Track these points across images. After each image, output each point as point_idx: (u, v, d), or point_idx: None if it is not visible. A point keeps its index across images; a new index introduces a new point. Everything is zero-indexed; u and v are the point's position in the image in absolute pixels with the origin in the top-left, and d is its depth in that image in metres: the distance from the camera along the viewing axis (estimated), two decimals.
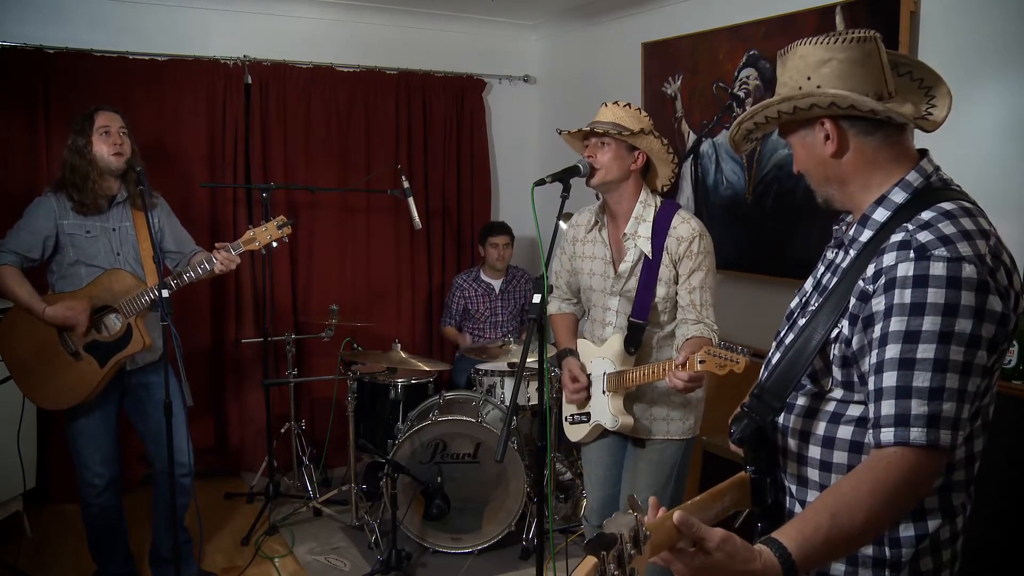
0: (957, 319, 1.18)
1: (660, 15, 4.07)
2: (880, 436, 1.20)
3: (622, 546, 0.99)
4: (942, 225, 1.23)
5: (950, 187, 1.34)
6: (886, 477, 1.18)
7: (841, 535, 1.16)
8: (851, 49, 1.31)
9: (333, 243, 4.67)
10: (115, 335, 2.92)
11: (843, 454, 1.32)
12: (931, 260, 1.19)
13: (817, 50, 1.33)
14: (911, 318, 1.19)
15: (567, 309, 2.78)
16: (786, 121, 1.39)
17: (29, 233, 2.87)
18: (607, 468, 2.67)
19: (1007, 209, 2.53)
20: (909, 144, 1.36)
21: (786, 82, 1.38)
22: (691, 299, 2.43)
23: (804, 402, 1.39)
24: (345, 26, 4.63)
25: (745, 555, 1.11)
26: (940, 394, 1.17)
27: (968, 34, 2.69)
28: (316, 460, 4.25)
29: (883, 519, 1.19)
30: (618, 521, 1.02)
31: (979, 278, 1.18)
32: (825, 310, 1.34)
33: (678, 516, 1.10)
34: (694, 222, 2.47)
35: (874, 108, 1.28)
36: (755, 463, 1.40)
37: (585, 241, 2.64)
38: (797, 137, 1.41)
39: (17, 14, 3.89)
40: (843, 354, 1.30)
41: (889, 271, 1.23)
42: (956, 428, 1.18)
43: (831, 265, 1.44)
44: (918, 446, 1.17)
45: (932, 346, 1.18)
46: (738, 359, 2.04)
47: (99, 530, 3.08)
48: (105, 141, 2.89)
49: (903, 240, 1.24)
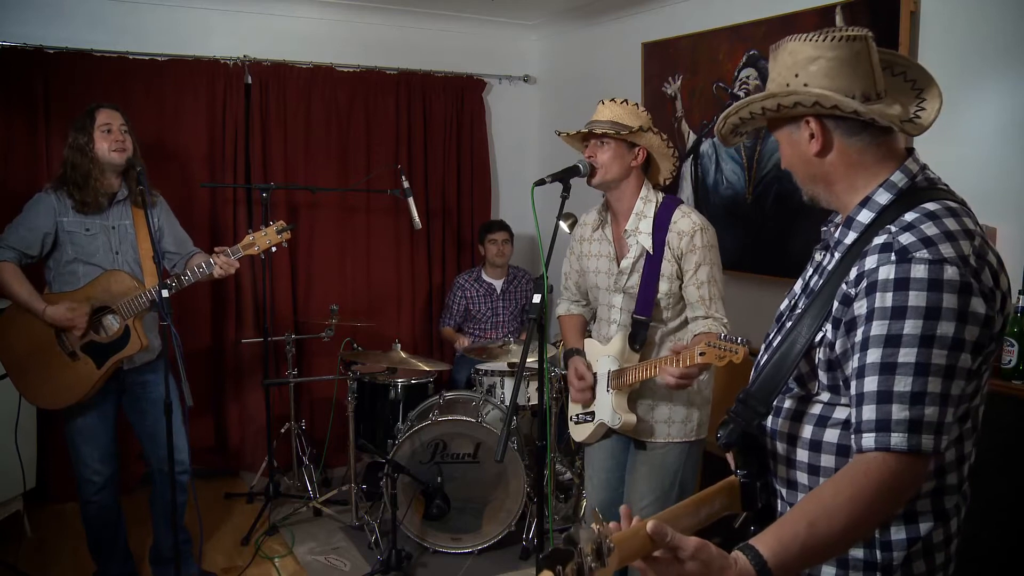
0: (939, 322, 1.16)
1: (660, 15, 4.07)
2: (862, 442, 1.19)
3: (581, 559, 0.98)
4: (924, 226, 1.22)
5: (936, 186, 1.33)
6: (866, 483, 1.16)
7: (819, 542, 1.15)
8: (840, 48, 1.30)
9: (333, 243, 4.67)
10: (113, 336, 2.92)
11: (830, 457, 1.31)
12: (912, 262, 1.18)
13: (806, 47, 1.31)
14: (892, 322, 1.18)
15: (576, 311, 2.78)
16: (772, 117, 1.39)
17: (28, 230, 2.87)
18: (609, 472, 2.66)
19: (1007, 209, 2.53)
20: (896, 144, 1.35)
21: (774, 78, 1.37)
22: (699, 294, 2.42)
23: (791, 405, 1.38)
24: (345, 26, 4.63)
25: (720, 563, 1.10)
26: (922, 398, 1.16)
27: (968, 34, 2.69)
28: (316, 460, 4.25)
29: (863, 526, 1.18)
30: (580, 534, 1.00)
31: (962, 280, 1.17)
32: (810, 313, 1.33)
33: (651, 526, 1.09)
34: (695, 216, 2.46)
35: (857, 110, 1.26)
36: (745, 467, 1.39)
37: (591, 240, 2.64)
38: (783, 133, 1.40)
39: (17, 14, 3.89)
40: (828, 358, 1.30)
41: (871, 274, 1.22)
42: (939, 432, 1.17)
43: (818, 267, 1.43)
44: (899, 451, 1.16)
45: (913, 350, 1.16)
46: (737, 349, 2.02)
47: (98, 529, 3.08)
48: (106, 138, 2.88)
49: (885, 242, 1.23)
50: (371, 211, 4.75)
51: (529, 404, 3.76)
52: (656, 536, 1.09)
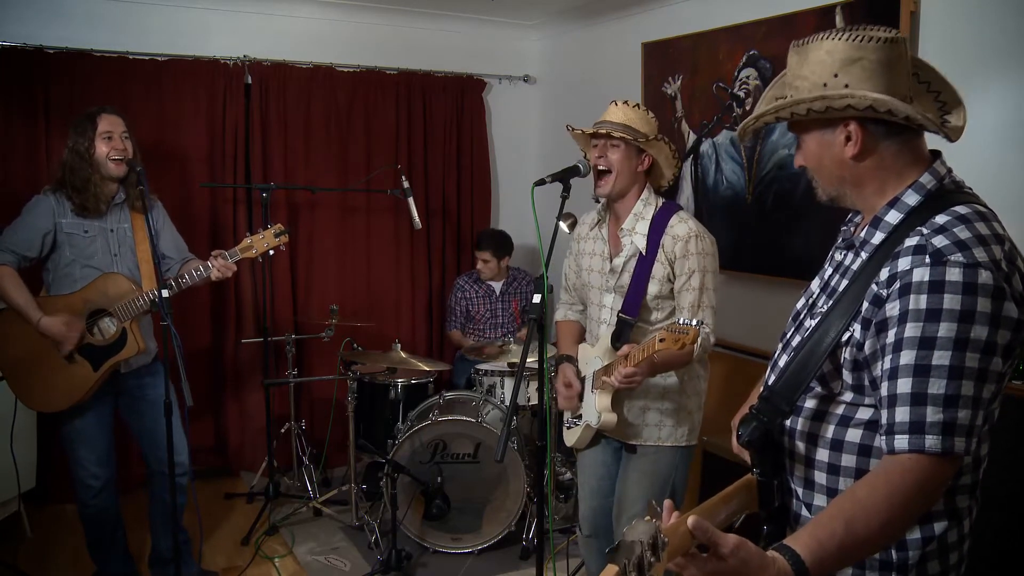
0: (973, 326, 1.16)
1: (660, 15, 4.07)
2: (895, 443, 1.19)
3: (642, 553, 0.99)
4: (957, 230, 1.22)
5: (963, 190, 1.33)
6: (901, 482, 1.16)
7: (856, 542, 1.15)
8: (883, 50, 1.28)
9: (333, 243, 4.67)
10: (109, 339, 2.91)
11: (852, 457, 1.31)
12: (947, 265, 1.18)
13: (846, 47, 1.29)
14: (927, 324, 1.18)
15: (572, 317, 2.78)
16: (803, 120, 1.35)
17: (28, 230, 2.86)
18: (600, 479, 2.65)
19: (1007, 210, 2.51)
20: (924, 146, 1.35)
21: (807, 75, 1.32)
22: (689, 300, 2.41)
23: (813, 405, 1.38)
24: (345, 26, 4.63)
25: (759, 562, 1.10)
26: (955, 401, 1.16)
27: (968, 34, 2.69)
28: (316, 460, 4.25)
29: (897, 526, 1.19)
30: (637, 528, 1.02)
31: (995, 284, 1.17)
32: (836, 313, 1.32)
33: (692, 521, 1.09)
34: (692, 222, 2.46)
35: (910, 115, 1.25)
36: (761, 466, 1.39)
37: (588, 239, 2.64)
38: (812, 135, 1.36)
39: (17, 14, 3.89)
40: (854, 358, 1.29)
41: (904, 276, 1.21)
42: (970, 435, 1.17)
43: (840, 267, 1.42)
44: (933, 454, 1.16)
45: (948, 353, 1.16)
46: (687, 330, 2.02)
47: (97, 530, 3.08)
48: (107, 145, 2.88)
49: (918, 244, 1.22)
50: (371, 211, 4.75)
51: (529, 404, 3.77)
52: (697, 531, 1.09)
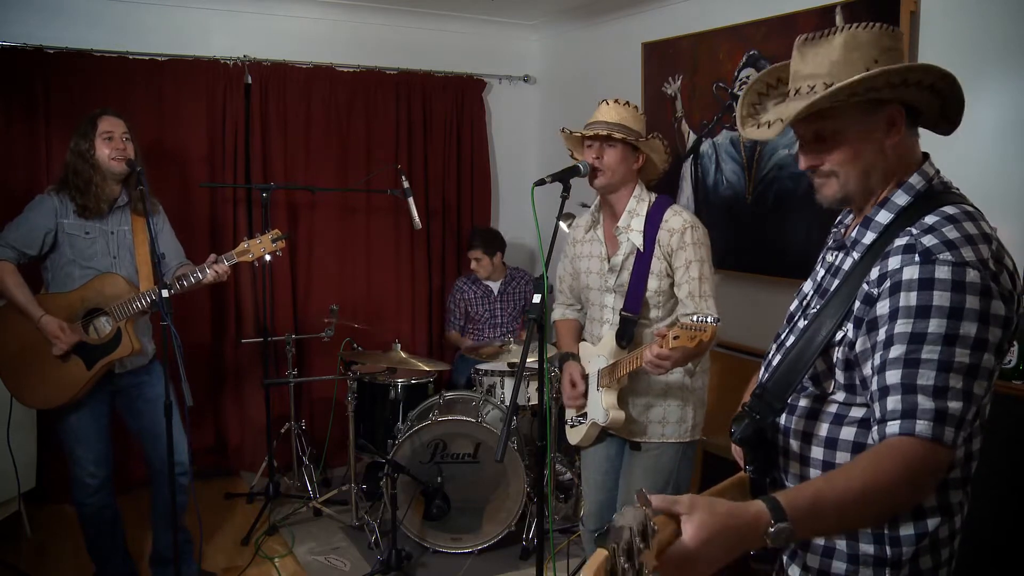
0: (962, 322, 1.18)
1: (660, 15, 4.07)
2: (885, 429, 1.20)
3: (632, 539, 1.00)
4: (946, 229, 1.23)
5: (951, 190, 1.35)
6: (887, 454, 1.17)
7: (836, 496, 1.14)
8: (900, 40, 1.33)
9: (333, 243, 4.67)
10: (104, 338, 2.91)
11: (846, 455, 1.32)
12: (936, 264, 1.20)
13: (883, 37, 1.31)
14: (917, 320, 1.19)
15: (571, 315, 2.79)
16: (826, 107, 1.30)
17: (29, 228, 2.87)
18: (604, 473, 2.67)
19: (1007, 210, 2.53)
20: (919, 146, 1.37)
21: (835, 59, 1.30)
22: (689, 291, 2.43)
23: (806, 404, 1.39)
24: (345, 26, 4.63)
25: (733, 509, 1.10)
26: (945, 393, 1.17)
27: (968, 34, 2.69)
28: (316, 460, 4.25)
29: (878, 501, 1.16)
30: (627, 515, 1.03)
31: (983, 283, 1.19)
32: (827, 312, 1.33)
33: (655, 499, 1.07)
34: (686, 214, 2.48)
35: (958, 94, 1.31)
36: (754, 463, 1.40)
37: (584, 241, 2.66)
38: (846, 121, 1.31)
39: (17, 14, 3.89)
40: (846, 357, 1.31)
41: (894, 274, 1.23)
42: (960, 427, 1.18)
43: (831, 267, 1.43)
44: (922, 438, 1.17)
45: (937, 347, 1.18)
46: (704, 327, 2.01)
47: (95, 530, 3.08)
48: (108, 145, 2.89)
49: (908, 244, 1.24)
50: (371, 211, 4.75)
51: (529, 404, 3.77)
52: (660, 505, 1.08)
